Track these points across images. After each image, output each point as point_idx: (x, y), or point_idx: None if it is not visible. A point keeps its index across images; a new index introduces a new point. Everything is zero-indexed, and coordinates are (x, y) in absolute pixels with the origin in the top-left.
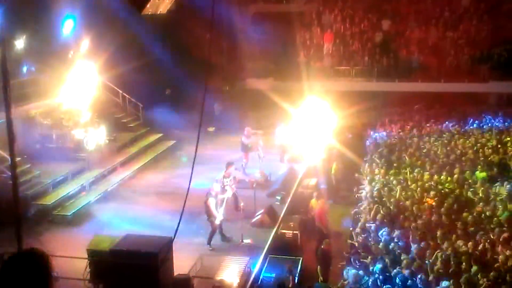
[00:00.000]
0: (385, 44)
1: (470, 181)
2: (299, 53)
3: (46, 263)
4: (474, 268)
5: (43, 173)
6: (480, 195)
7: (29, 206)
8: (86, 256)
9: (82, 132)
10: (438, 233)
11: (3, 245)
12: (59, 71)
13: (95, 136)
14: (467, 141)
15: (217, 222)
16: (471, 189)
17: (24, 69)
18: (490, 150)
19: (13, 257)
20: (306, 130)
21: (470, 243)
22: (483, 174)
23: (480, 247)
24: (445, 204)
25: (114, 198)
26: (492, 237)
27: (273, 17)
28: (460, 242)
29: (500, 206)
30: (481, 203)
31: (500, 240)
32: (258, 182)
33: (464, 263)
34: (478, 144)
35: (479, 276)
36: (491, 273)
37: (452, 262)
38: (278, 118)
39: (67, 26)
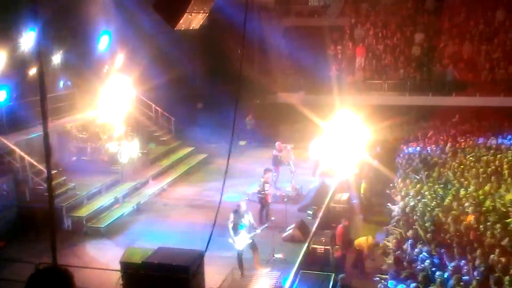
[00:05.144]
0: (419, 58)
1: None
2: (331, 67)
3: (68, 281)
4: None
5: (78, 186)
6: None
7: (64, 218)
8: (119, 268)
9: (116, 145)
10: (478, 251)
11: (39, 256)
12: (94, 86)
13: (128, 149)
14: (504, 157)
15: (235, 246)
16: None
17: (61, 83)
18: None
19: (35, 274)
20: (339, 144)
21: (504, 259)
22: None
23: None
24: (482, 220)
25: (147, 211)
26: None
27: (305, 31)
28: (494, 257)
29: None
30: None
31: None
32: (289, 196)
33: (507, 282)
34: None
35: None
36: None
37: (491, 281)
38: (309, 132)
39: (103, 42)
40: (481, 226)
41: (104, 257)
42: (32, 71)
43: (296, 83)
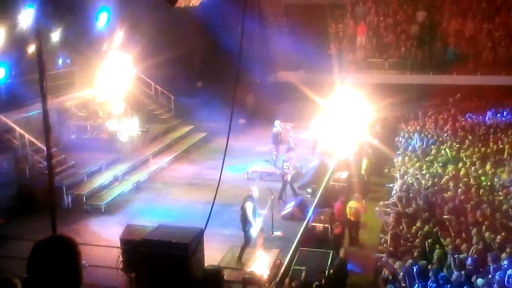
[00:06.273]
0: (420, 36)
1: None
2: (331, 45)
3: (75, 249)
4: None
5: (78, 164)
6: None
7: (65, 195)
8: (119, 245)
9: (116, 123)
10: (474, 229)
11: (39, 234)
12: (93, 63)
13: (128, 128)
14: (504, 136)
15: (253, 233)
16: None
17: (60, 61)
18: None
19: (42, 243)
20: (339, 123)
21: (499, 237)
22: None
23: None
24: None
25: (147, 189)
26: None
27: (305, 8)
28: (488, 234)
29: None
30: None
31: None
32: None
33: (504, 261)
34: None
35: None
36: None
37: (489, 258)
38: (309, 111)
39: (102, 19)
40: (468, 206)
41: (104, 235)
42: (31, 49)
43: (296, 62)
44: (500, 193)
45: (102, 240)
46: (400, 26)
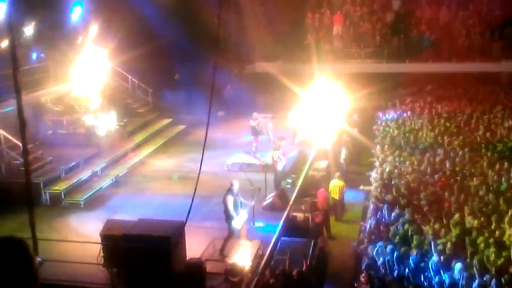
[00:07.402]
0: (396, 25)
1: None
2: (308, 35)
3: (24, 249)
4: (492, 249)
5: (55, 160)
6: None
7: (42, 192)
8: (99, 241)
9: (93, 118)
10: (456, 215)
11: (17, 232)
12: (68, 57)
13: (105, 122)
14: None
15: (236, 226)
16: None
17: (34, 55)
18: (506, 130)
19: None
20: (317, 113)
21: (476, 221)
22: None
23: (493, 226)
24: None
25: (126, 183)
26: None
27: None
28: (470, 219)
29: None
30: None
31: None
32: (268, 166)
33: (481, 244)
34: (493, 125)
35: (493, 256)
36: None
37: (467, 242)
38: (288, 101)
39: (76, 12)
40: (446, 192)
41: (84, 231)
42: (4, 44)
43: (274, 52)
44: (475, 179)
45: (81, 236)
46: (376, 14)
